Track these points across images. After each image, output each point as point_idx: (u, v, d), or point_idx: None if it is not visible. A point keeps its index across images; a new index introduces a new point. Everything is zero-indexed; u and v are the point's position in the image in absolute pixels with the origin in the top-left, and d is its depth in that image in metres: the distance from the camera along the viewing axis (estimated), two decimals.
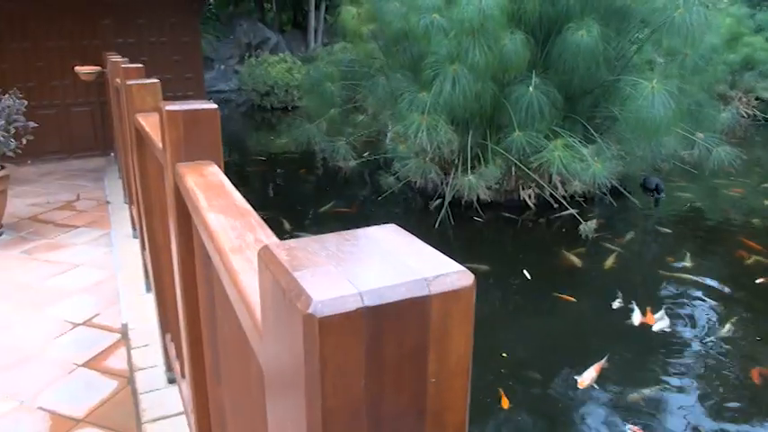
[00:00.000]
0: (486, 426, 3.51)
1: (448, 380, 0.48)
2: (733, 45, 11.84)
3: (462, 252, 5.95)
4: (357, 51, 8.14)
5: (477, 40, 5.88)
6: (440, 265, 0.47)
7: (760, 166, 9.77)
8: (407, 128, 5.81)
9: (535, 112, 6.02)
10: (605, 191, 6.68)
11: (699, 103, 7.18)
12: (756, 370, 4.01)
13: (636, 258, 6.12)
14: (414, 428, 0.48)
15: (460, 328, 0.47)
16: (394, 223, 0.55)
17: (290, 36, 17.71)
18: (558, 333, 4.48)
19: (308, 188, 7.77)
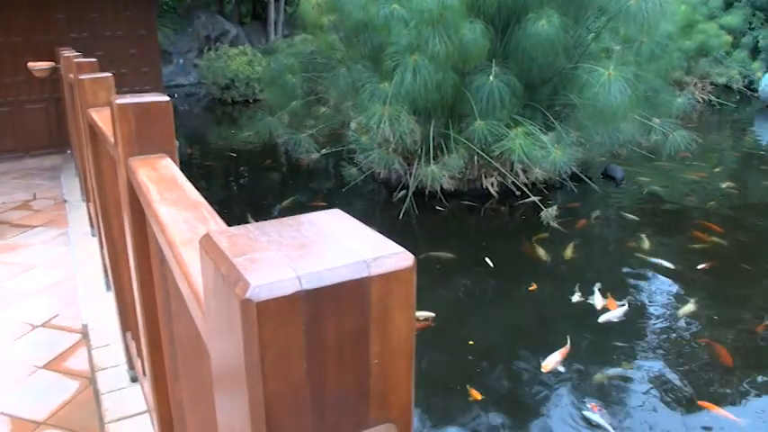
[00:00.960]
0: (459, 414, 3.55)
1: (391, 361, 0.48)
2: (688, 32, 12.08)
3: (427, 241, 5.99)
4: (318, 43, 8.09)
5: (437, 30, 5.89)
6: (380, 248, 0.47)
7: (716, 150, 10.02)
8: (369, 119, 5.80)
9: (496, 100, 6.07)
10: (566, 177, 6.78)
11: (655, 89, 7.32)
12: (714, 347, 4.12)
13: (597, 243, 6.24)
14: (358, 410, 0.48)
15: (402, 310, 0.47)
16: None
17: (249, 28, 17.51)
18: (523, 319, 4.54)
19: (272, 181, 7.72)
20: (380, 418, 0.50)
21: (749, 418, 3.53)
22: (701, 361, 4.02)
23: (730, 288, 5.06)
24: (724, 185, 7.62)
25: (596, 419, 3.44)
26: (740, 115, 12.19)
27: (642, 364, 3.95)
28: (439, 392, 3.74)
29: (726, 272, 5.34)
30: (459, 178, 6.64)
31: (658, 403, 3.60)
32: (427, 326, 4.25)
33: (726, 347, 4.06)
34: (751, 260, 5.62)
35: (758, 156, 9.73)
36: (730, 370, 3.89)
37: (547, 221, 5.84)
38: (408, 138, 6.10)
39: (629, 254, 5.63)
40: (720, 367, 3.92)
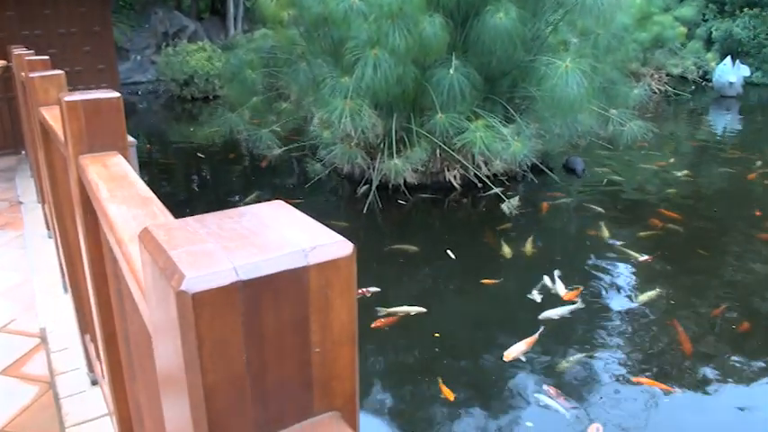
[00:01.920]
0: (427, 403, 3.58)
1: (333, 349, 0.48)
2: (644, 24, 12.30)
3: (391, 235, 6.01)
4: (278, 38, 8.02)
5: (397, 23, 5.90)
6: (319, 237, 0.47)
7: (672, 140, 10.25)
8: (331, 113, 5.78)
9: (456, 94, 6.11)
10: (527, 169, 6.86)
11: (612, 80, 7.45)
12: (673, 331, 4.22)
13: (558, 233, 6.33)
14: (301, 399, 0.48)
15: (342, 298, 0.47)
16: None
17: (208, 23, 17.27)
18: (486, 310, 4.59)
19: (234, 179, 7.64)
20: (325, 407, 0.50)
21: (707, 398, 3.63)
22: (660, 345, 4.12)
23: (688, 274, 5.19)
24: (681, 174, 7.80)
25: (551, 402, 3.50)
26: (695, 105, 12.48)
27: (603, 350, 4.02)
28: (408, 383, 3.77)
29: (683, 258, 5.48)
30: (422, 171, 6.67)
31: (618, 386, 3.67)
32: (396, 320, 4.27)
33: (684, 331, 4.17)
34: (707, 246, 5.77)
35: (713, 144, 9.98)
36: (689, 353, 3.99)
37: (509, 212, 5.90)
38: (370, 132, 6.11)
39: (589, 242, 5.73)
40: (679, 351, 4.02)
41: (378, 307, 4.36)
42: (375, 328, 4.16)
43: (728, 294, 4.80)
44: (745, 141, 9.99)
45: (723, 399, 3.62)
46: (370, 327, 4.16)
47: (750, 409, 3.54)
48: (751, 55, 13.82)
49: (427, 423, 3.43)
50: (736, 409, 3.53)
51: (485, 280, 4.89)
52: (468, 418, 3.42)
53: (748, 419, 3.47)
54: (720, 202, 7.02)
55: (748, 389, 3.69)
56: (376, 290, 4.64)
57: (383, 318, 4.24)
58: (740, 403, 3.58)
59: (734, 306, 4.56)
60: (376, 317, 4.27)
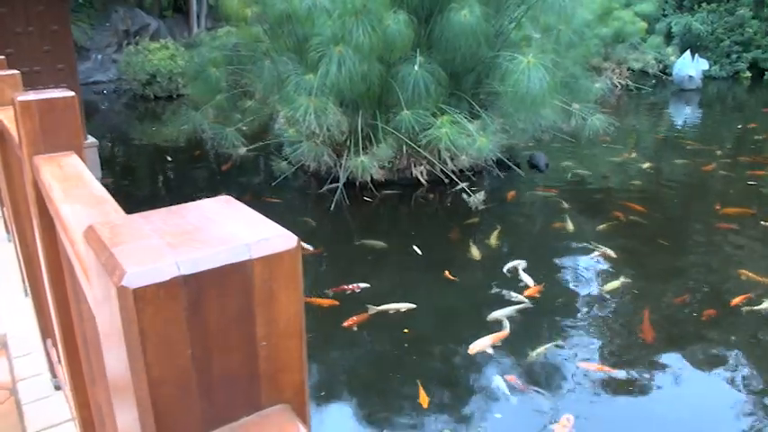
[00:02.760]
0: (400, 405, 3.59)
1: (280, 342, 0.49)
2: (605, 19, 12.46)
3: (359, 231, 6.01)
4: (242, 35, 7.95)
5: (361, 20, 5.89)
6: (263, 231, 0.48)
7: (634, 133, 10.43)
8: (296, 111, 5.76)
9: (421, 90, 6.13)
10: (493, 164, 6.92)
11: (573, 75, 7.55)
12: (637, 319, 4.31)
13: (524, 226, 6.41)
14: (249, 393, 0.49)
15: (288, 291, 0.48)
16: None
17: (171, 21, 17.02)
18: (454, 304, 4.62)
19: (199, 178, 7.56)
20: (273, 400, 0.50)
21: (670, 385, 3.72)
22: (624, 334, 4.20)
23: (650, 264, 5.29)
24: (643, 166, 7.94)
25: (519, 393, 3.55)
26: (656, 98, 12.72)
27: (570, 340, 4.09)
28: (379, 380, 3.78)
29: (646, 248, 5.59)
30: (388, 168, 6.68)
31: (585, 375, 3.74)
32: (367, 318, 4.27)
33: (647, 320, 4.25)
34: (668, 236, 5.89)
35: (673, 137, 10.18)
36: (652, 341, 4.08)
37: (475, 207, 5.95)
38: (336, 129, 6.10)
39: (554, 235, 5.82)
40: (643, 339, 4.10)
41: (368, 305, 4.37)
42: (347, 327, 4.16)
43: (690, 283, 4.91)
44: (704, 133, 10.21)
45: (685, 385, 3.71)
46: (342, 325, 4.16)
47: (710, 396, 3.63)
48: (709, 49, 14.13)
49: (398, 418, 3.45)
50: (697, 395, 3.62)
51: (452, 275, 4.93)
52: (437, 412, 3.45)
53: (709, 405, 3.56)
54: (681, 194, 7.18)
55: (709, 376, 3.79)
56: (366, 286, 4.65)
57: (355, 317, 4.24)
58: (702, 389, 3.67)
59: (695, 294, 4.67)
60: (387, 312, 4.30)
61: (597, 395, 3.59)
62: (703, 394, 3.64)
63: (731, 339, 4.11)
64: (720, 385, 3.70)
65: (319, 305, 4.46)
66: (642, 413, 3.50)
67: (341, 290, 4.62)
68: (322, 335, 4.19)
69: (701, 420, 3.44)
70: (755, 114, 11.66)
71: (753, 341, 4.10)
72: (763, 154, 8.45)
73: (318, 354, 4.03)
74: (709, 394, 3.64)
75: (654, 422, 3.41)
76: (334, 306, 4.45)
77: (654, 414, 3.48)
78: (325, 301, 4.50)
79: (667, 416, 3.45)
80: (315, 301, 4.47)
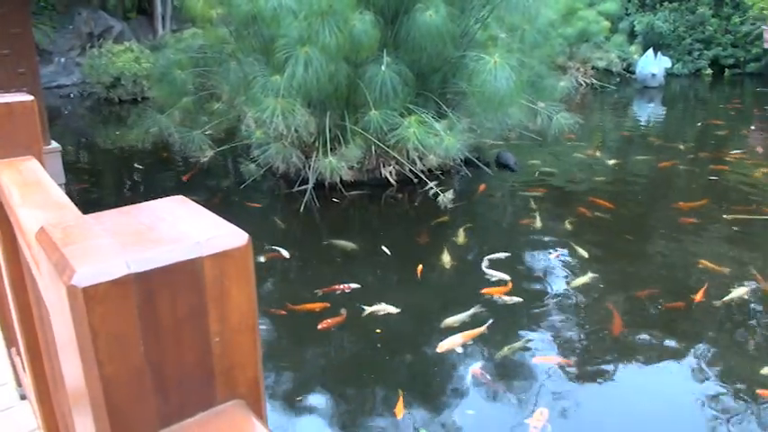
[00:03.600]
0: (372, 403, 3.60)
1: (234, 338, 0.49)
2: (569, 19, 12.66)
3: (329, 232, 6.01)
4: (207, 37, 7.89)
5: (327, 21, 5.89)
6: (214, 229, 0.49)
7: (600, 130, 10.60)
8: (263, 112, 5.74)
9: (389, 90, 6.15)
10: (461, 163, 6.98)
11: (539, 74, 7.64)
12: (605, 314, 4.39)
13: (493, 224, 6.47)
14: (203, 389, 0.49)
15: (240, 287, 0.48)
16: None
17: (135, 23, 16.79)
18: (425, 303, 4.65)
19: (166, 182, 7.48)
20: (228, 396, 0.51)
21: (637, 377, 3.79)
22: (593, 328, 4.27)
23: (617, 258, 5.39)
24: (608, 163, 8.08)
25: (490, 389, 3.60)
26: (620, 96, 12.94)
27: (539, 336, 4.14)
28: (352, 380, 3.79)
29: (612, 244, 5.69)
30: (358, 168, 6.69)
31: (555, 370, 3.79)
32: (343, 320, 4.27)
33: (615, 314, 4.33)
34: (634, 231, 6.01)
35: (638, 133, 10.36)
36: (619, 334, 4.15)
37: (444, 206, 5.99)
38: (304, 130, 6.09)
39: (523, 231, 5.89)
40: (611, 333, 4.18)
41: (362, 305, 4.38)
42: (323, 329, 4.16)
43: (655, 276, 5.02)
44: (667, 130, 10.42)
45: (653, 376, 3.79)
46: (317, 328, 4.16)
47: (676, 385, 3.71)
48: (672, 47, 14.42)
49: (369, 416, 3.46)
50: (664, 385, 3.70)
51: (422, 274, 4.96)
52: (410, 411, 3.47)
53: (674, 397, 3.65)
54: (645, 189, 7.32)
55: (675, 366, 3.87)
56: (356, 286, 4.64)
57: (330, 319, 4.24)
58: (668, 379, 3.75)
59: (660, 287, 4.77)
60: (361, 313, 4.30)
61: (569, 388, 3.65)
62: (670, 384, 3.72)
63: (696, 330, 4.21)
64: (686, 375, 3.78)
65: (305, 309, 4.46)
66: (613, 404, 3.57)
67: (331, 290, 4.63)
68: (298, 337, 4.19)
69: (670, 409, 3.52)
70: (717, 110, 11.94)
71: (717, 331, 4.21)
72: (724, 149, 8.65)
73: (295, 355, 4.03)
74: (675, 383, 3.73)
75: (625, 412, 3.48)
76: (314, 309, 4.45)
77: (625, 404, 3.55)
78: (315, 305, 4.49)
79: (637, 406, 3.52)
80: (301, 307, 4.46)
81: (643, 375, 3.82)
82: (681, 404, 3.56)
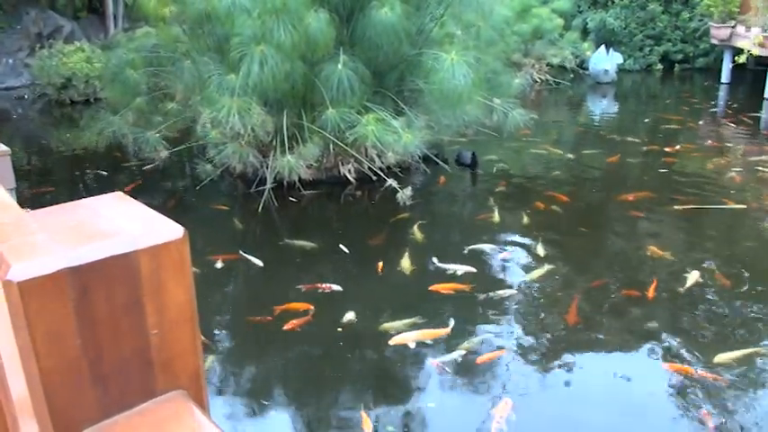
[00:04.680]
0: (334, 401, 3.61)
1: (172, 330, 0.51)
2: (524, 16, 12.82)
3: (288, 232, 5.99)
4: (160, 35, 7.76)
5: (282, 19, 5.87)
6: (150, 223, 0.50)
7: (555, 126, 10.79)
8: (218, 112, 5.68)
9: (346, 88, 6.15)
10: (419, 160, 7.03)
11: (495, 71, 7.74)
12: (561, 305, 4.48)
13: (451, 219, 6.54)
14: (143, 380, 0.50)
15: (177, 279, 0.50)
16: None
17: (86, 22, 16.40)
18: (383, 299, 4.68)
19: (120, 185, 7.34)
20: (169, 386, 0.52)
21: (594, 366, 3.89)
22: (549, 318, 4.36)
23: (572, 250, 5.51)
24: (563, 157, 8.23)
25: (451, 382, 3.65)
26: (574, 92, 13.17)
27: (498, 326, 4.21)
28: (315, 379, 3.80)
29: (568, 236, 5.81)
30: (316, 167, 6.69)
31: (514, 361, 3.87)
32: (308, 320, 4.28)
33: (571, 304, 4.43)
34: (588, 224, 6.15)
35: (591, 128, 10.57)
36: (576, 324, 4.25)
37: (403, 202, 6.03)
38: (260, 130, 6.05)
39: (482, 226, 5.96)
40: (567, 323, 4.27)
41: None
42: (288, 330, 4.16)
43: (609, 267, 5.15)
44: (620, 124, 10.66)
45: (611, 363, 3.90)
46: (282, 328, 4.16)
47: (633, 372, 3.82)
48: (623, 43, 14.72)
49: (331, 414, 3.47)
50: (618, 376, 3.80)
51: (381, 270, 4.99)
52: (373, 409, 3.50)
53: (629, 386, 3.75)
54: (599, 182, 7.48)
55: (631, 353, 3.99)
56: (338, 288, 4.63)
57: (295, 320, 4.24)
58: (622, 368, 3.86)
59: (613, 277, 4.89)
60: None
61: (530, 378, 3.73)
62: (627, 370, 3.83)
63: (650, 318, 4.34)
64: (642, 361, 3.90)
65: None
66: (573, 392, 3.66)
67: (313, 287, 4.62)
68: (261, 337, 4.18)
69: (629, 395, 3.63)
70: (667, 105, 12.26)
71: (670, 319, 4.34)
72: (675, 142, 8.89)
73: (259, 356, 4.02)
74: (632, 370, 3.84)
75: (586, 400, 3.58)
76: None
77: (586, 392, 3.65)
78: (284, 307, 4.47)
79: (598, 394, 3.62)
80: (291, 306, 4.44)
81: (601, 363, 3.92)
82: (639, 390, 3.67)
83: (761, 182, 7.19)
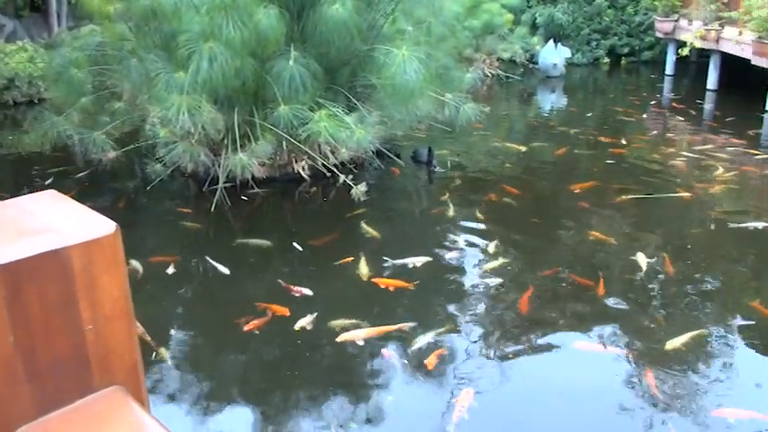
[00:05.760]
0: (293, 399, 3.60)
1: (107, 325, 0.51)
2: (474, 12, 12.94)
3: (242, 231, 5.95)
4: (106, 33, 7.57)
5: (231, 15, 5.80)
6: (82, 219, 0.50)
7: (506, 119, 10.95)
8: (167, 110, 5.59)
9: (298, 85, 6.12)
10: (373, 155, 7.04)
11: (446, 66, 7.80)
12: (514, 294, 4.56)
13: (406, 214, 6.58)
14: (79, 376, 0.50)
15: (110, 274, 0.50)
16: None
17: (29, 21, 15.90)
18: (340, 296, 4.68)
19: (67, 188, 7.15)
20: (106, 382, 0.52)
21: (552, 350, 3.97)
22: (505, 308, 4.44)
23: (524, 241, 5.61)
24: (515, 150, 8.36)
25: (410, 375, 3.69)
26: (525, 86, 13.38)
27: (454, 319, 4.26)
28: (274, 379, 3.78)
29: (520, 228, 5.91)
30: (269, 165, 6.65)
31: (471, 352, 3.92)
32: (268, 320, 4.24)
33: (524, 294, 4.52)
34: (539, 214, 6.27)
35: (542, 121, 10.77)
36: (526, 313, 4.33)
37: (358, 198, 6.03)
38: (211, 128, 5.98)
39: (436, 220, 6.02)
40: (520, 313, 4.35)
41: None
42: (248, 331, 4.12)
43: (560, 257, 5.26)
44: (569, 117, 10.88)
45: (565, 351, 3.98)
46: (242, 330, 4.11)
47: (586, 359, 3.92)
48: (571, 38, 15.00)
49: (289, 412, 3.47)
50: (576, 358, 3.90)
51: (337, 266, 4.99)
52: (330, 404, 3.51)
53: (586, 368, 3.85)
54: (550, 174, 7.63)
55: (584, 339, 4.08)
56: (309, 293, 4.57)
57: (256, 320, 4.20)
58: (577, 354, 3.96)
59: (565, 267, 5.00)
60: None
61: (488, 369, 3.78)
62: (580, 357, 3.93)
63: (601, 305, 4.45)
64: (595, 348, 4.00)
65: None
66: (529, 379, 3.75)
67: (285, 288, 4.57)
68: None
69: (583, 380, 3.73)
70: (615, 98, 12.56)
71: (622, 305, 4.46)
72: (621, 133, 9.12)
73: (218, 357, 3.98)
74: (585, 356, 3.94)
75: (544, 388, 3.66)
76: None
77: (543, 379, 3.73)
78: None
79: (556, 382, 3.71)
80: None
81: (556, 351, 4.00)
82: (592, 375, 3.78)
83: (704, 170, 7.44)
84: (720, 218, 6.06)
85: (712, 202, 6.47)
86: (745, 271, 5.10)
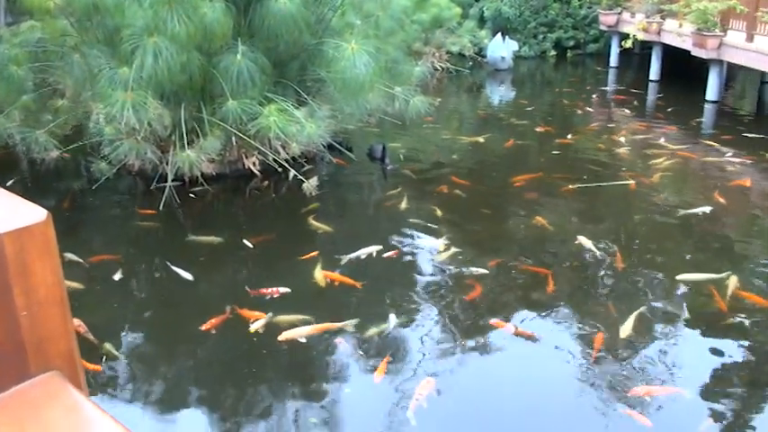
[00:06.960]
0: (253, 398, 3.59)
1: (42, 311, 0.51)
2: (423, 6, 13.00)
3: (194, 228, 5.87)
4: (47, 29, 7.35)
5: (175, 9, 5.70)
6: (12, 207, 0.50)
7: (457, 112, 11.07)
8: (112, 107, 5.47)
9: (246, 79, 6.06)
10: (324, 149, 7.03)
11: (395, 60, 7.84)
12: (465, 283, 4.63)
13: (359, 208, 6.61)
14: (15, 362, 0.51)
15: (43, 261, 0.51)
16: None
17: None
18: (295, 292, 4.67)
19: (8, 189, 6.93)
20: (42, 368, 0.53)
21: (503, 339, 4.05)
22: (456, 298, 4.51)
23: (476, 231, 5.70)
24: (465, 142, 8.46)
25: (366, 369, 3.72)
26: (474, 79, 13.53)
27: (407, 311, 4.31)
28: (229, 382, 3.77)
29: (471, 218, 6.00)
30: (219, 161, 6.57)
31: (429, 342, 3.97)
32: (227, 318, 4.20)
33: (475, 282, 4.59)
34: (489, 206, 6.37)
35: (491, 114, 10.93)
36: (478, 301, 4.41)
37: (310, 193, 6.03)
38: (158, 124, 5.88)
39: (389, 212, 6.06)
40: (473, 302, 4.43)
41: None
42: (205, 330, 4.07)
43: (508, 246, 5.37)
44: (517, 110, 11.06)
45: (519, 340, 4.06)
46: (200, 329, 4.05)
47: (539, 344, 4.02)
48: (518, 31, 15.25)
49: (249, 411, 3.46)
50: (530, 346, 3.99)
51: (293, 260, 4.98)
52: (291, 401, 3.51)
53: (540, 354, 3.95)
54: (499, 166, 7.76)
55: (537, 325, 4.18)
56: (286, 290, 4.50)
57: (213, 319, 4.15)
58: (530, 342, 4.05)
59: (515, 255, 5.11)
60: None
61: (445, 359, 3.84)
62: (533, 343, 4.02)
63: (551, 290, 4.56)
64: (547, 333, 4.11)
65: None
66: (484, 368, 3.82)
67: (260, 293, 4.48)
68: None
69: (538, 366, 3.82)
70: (561, 90, 12.82)
71: (571, 291, 4.58)
72: (567, 124, 9.34)
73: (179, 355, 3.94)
74: (538, 342, 4.03)
75: (500, 375, 3.74)
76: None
77: (498, 365, 3.81)
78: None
79: (509, 367, 3.79)
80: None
81: (509, 338, 4.07)
82: (546, 361, 3.87)
83: (646, 158, 7.67)
84: (663, 204, 6.26)
85: (656, 189, 6.68)
86: (684, 252, 5.30)
